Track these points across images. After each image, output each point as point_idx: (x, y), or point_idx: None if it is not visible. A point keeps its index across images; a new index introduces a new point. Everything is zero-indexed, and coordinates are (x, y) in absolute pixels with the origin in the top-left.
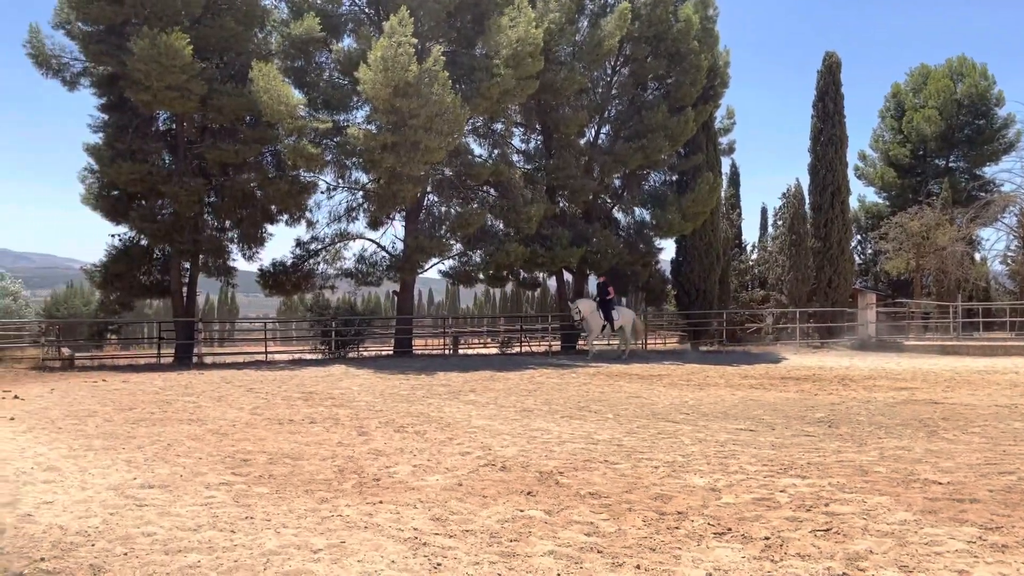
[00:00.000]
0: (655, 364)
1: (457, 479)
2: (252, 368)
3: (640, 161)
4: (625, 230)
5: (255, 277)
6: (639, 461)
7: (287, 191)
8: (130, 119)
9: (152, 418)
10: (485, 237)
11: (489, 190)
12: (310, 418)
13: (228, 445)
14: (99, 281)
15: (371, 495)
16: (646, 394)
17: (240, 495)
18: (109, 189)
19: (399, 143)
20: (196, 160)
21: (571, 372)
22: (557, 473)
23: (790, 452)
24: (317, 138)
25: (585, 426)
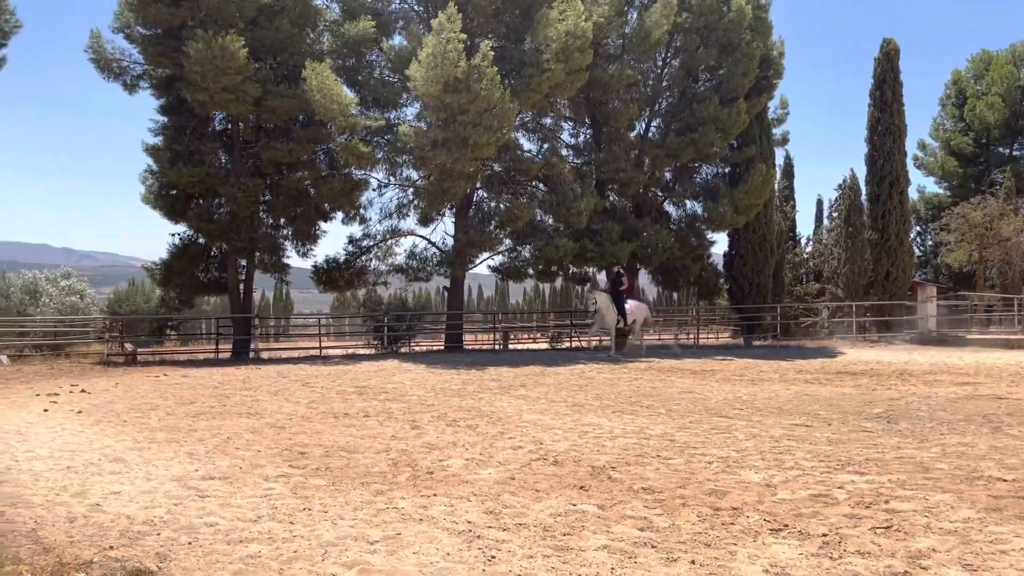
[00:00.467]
0: (707, 359)
1: (509, 473)
2: (307, 363)
3: (692, 154)
4: (676, 224)
5: (309, 274)
6: (692, 456)
7: (340, 189)
8: (187, 120)
9: (212, 412)
10: (534, 232)
11: (538, 185)
12: (364, 412)
13: (285, 438)
14: (159, 279)
15: (425, 488)
16: (699, 389)
17: (298, 487)
18: (168, 189)
19: (449, 139)
20: (251, 160)
21: (622, 367)
22: (609, 468)
23: (847, 448)
24: (368, 136)
25: (637, 421)
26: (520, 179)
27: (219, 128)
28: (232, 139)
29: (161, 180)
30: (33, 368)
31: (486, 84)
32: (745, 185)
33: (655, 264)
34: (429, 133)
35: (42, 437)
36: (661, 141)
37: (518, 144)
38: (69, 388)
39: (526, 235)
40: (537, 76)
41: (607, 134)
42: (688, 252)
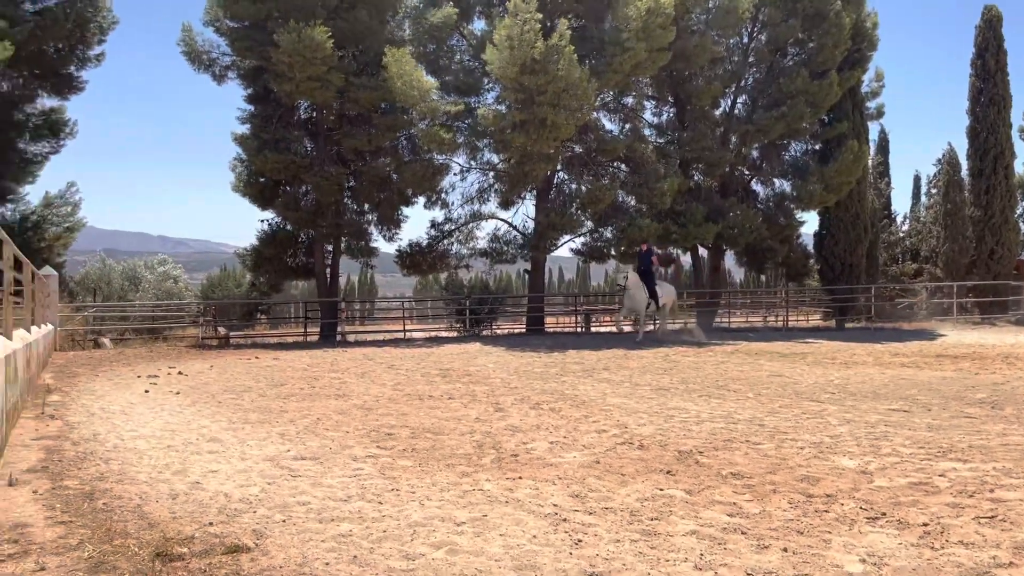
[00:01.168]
0: (797, 342)
1: (594, 456)
2: (392, 345)
3: (780, 130)
4: (763, 203)
5: (393, 258)
6: (783, 442)
7: (421, 174)
8: (274, 110)
9: (301, 393)
10: (616, 213)
11: (620, 166)
12: (448, 394)
13: (372, 419)
14: (250, 264)
15: (510, 470)
16: (788, 373)
17: (385, 467)
18: (256, 177)
19: (527, 121)
20: (335, 147)
21: (707, 350)
22: (697, 452)
23: (949, 434)
24: (449, 121)
25: (724, 405)
26: (601, 160)
27: (304, 117)
28: (316, 127)
29: (249, 168)
30: (133, 351)
31: (564, 64)
32: (836, 162)
33: (741, 245)
34: (508, 116)
35: (144, 417)
36: (747, 118)
37: (599, 125)
38: (167, 370)
39: (608, 216)
40: (618, 55)
41: (691, 112)
42: (776, 232)
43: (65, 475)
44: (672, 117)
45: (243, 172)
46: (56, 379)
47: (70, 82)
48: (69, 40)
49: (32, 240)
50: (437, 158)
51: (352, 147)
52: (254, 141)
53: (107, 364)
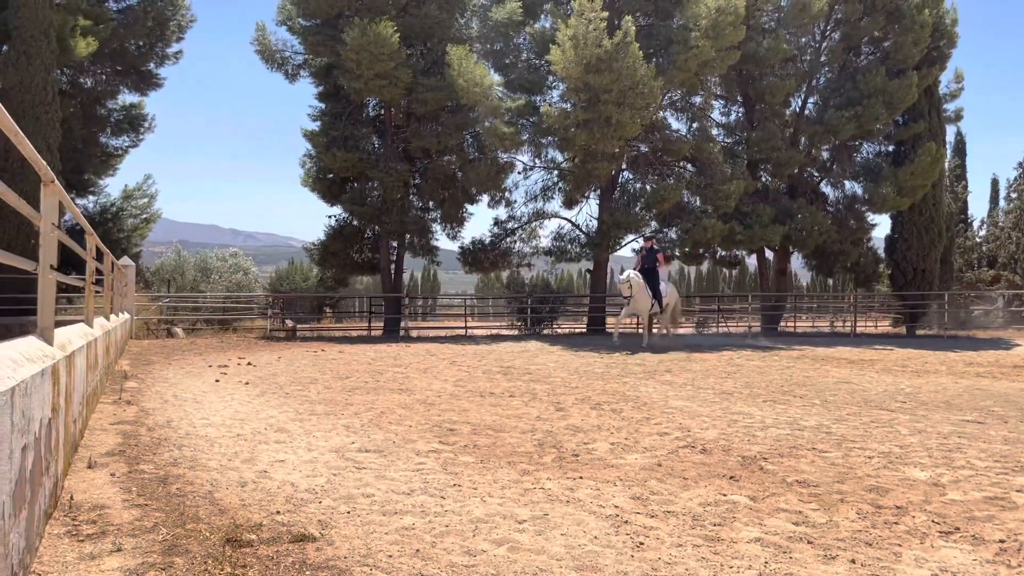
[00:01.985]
0: (866, 348)
1: (656, 459)
2: (453, 342)
3: (853, 131)
4: (833, 205)
5: (455, 255)
6: (850, 450)
7: (486, 173)
8: (343, 107)
9: (366, 387)
10: (681, 213)
11: (686, 165)
12: (509, 392)
13: (435, 415)
14: (317, 259)
15: (571, 470)
16: (856, 380)
17: (447, 463)
18: (325, 173)
19: (592, 120)
20: (402, 145)
21: (772, 355)
22: (761, 458)
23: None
24: (513, 118)
25: (789, 411)
26: (667, 159)
27: (372, 115)
28: (384, 125)
29: (318, 164)
30: (205, 341)
31: (629, 63)
32: (911, 165)
33: (810, 248)
34: (572, 114)
35: (215, 406)
36: (819, 118)
37: (665, 123)
38: (237, 360)
39: (673, 217)
40: (684, 54)
41: (760, 111)
42: (846, 235)
43: (141, 459)
44: (741, 116)
45: (312, 168)
46: (132, 366)
47: (150, 78)
48: (149, 38)
49: (111, 231)
50: (501, 156)
51: (419, 145)
52: (323, 138)
53: (180, 353)
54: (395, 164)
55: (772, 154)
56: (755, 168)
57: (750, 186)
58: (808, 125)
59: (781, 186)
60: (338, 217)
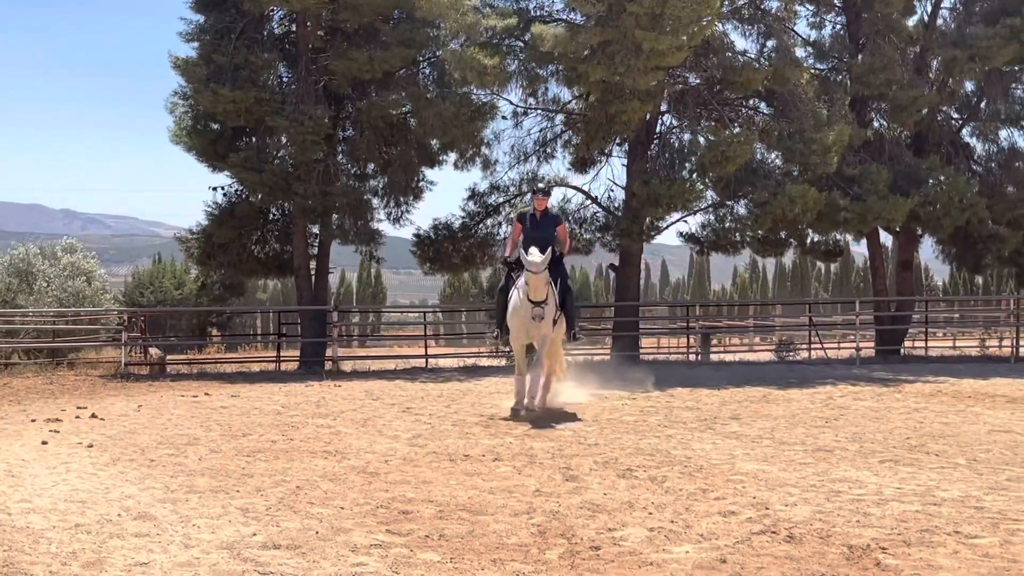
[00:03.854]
0: None
1: (718, 552)
2: (408, 378)
3: (1011, 54)
4: (982, 164)
5: (409, 246)
6: (1013, 533)
7: (453, 117)
8: (232, 21)
9: (274, 448)
10: (753, 178)
11: (759, 105)
12: (493, 453)
13: (380, 490)
14: (197, 254)
15: (588, 571)
16: (1020, 427)
17: (400, 563)
18: (206, 121)
19: (612, 42)
20: (323, 77)
21: (893, 391)
22: (877, 549)
23: None
24: (495, 39)
25: (920, 476)
26: (730, 97)
27: (278, 32)
28: (296, 47)
29: (196, 108)
30: (25, 382)
31: None
32: None
33: (946, 229)
34: (582, 35)
35: (41, 481)
36: (958, 34)
37: (726, 42)
38: (75, 411)
39: (740, 184)
40: None
41: (869, 24)
42: (1003, 210)
43: None
44: (840, 31)
45: (186, 114)
46: None
47: None
48: None
49: None
50: (477, 93)
51: (348, 75)
52: (203, 68)
53: None
54: (313, 106)
55: (888, 88)
56: (863, 109)
57: (857, 136)
58: (941, 45)
59: (903, 136)
60: (227, 189)
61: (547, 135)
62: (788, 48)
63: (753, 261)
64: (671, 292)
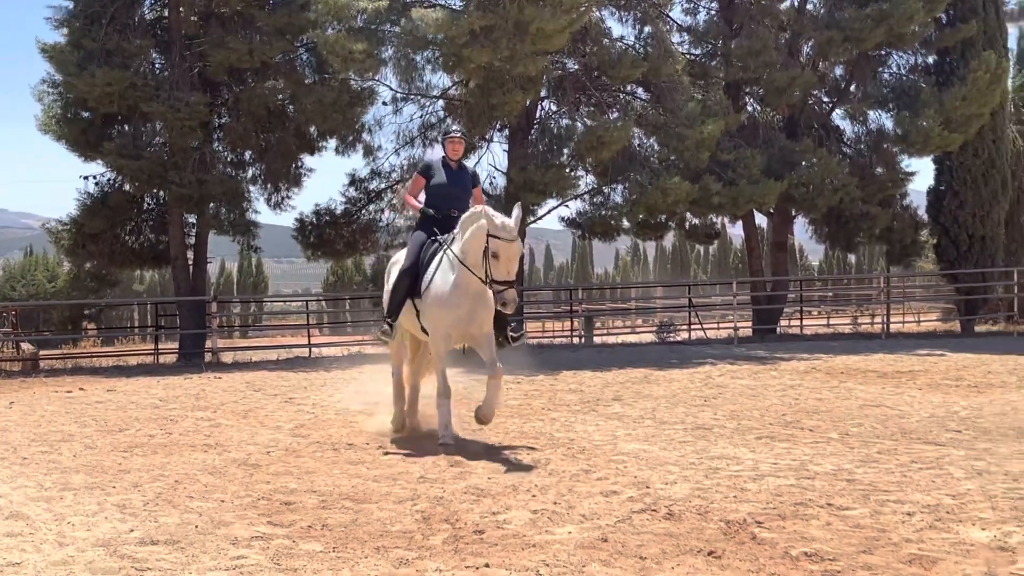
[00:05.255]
0: (904, 355)
1: (600, 532)
2: (290, 368)
3: (880, 37)
4: (852, 146)
5: (291, 233)
6: (882, 504)
7: (332, 104)
8: (104, 5)
9: (152, 443)
10: (631, 164)
11: (636, 90)
12: (378, 441)
13: (262, 481)
14: (68, 245)
15: (472, 555)
16: (891, 401)
17: (281, 555)
18: (77, 108)
19: (495, 27)
20: (198, 64)
21: (769, 369)
22: (753, 523)
23: None
24: (372, 24)
25: (795, 451)
26: (607, 83)
27: (150, 17)
28: (170, 33)
29: (66, 96)
30: None
31: None
32: (963, 84)
33: (820, 210)
34: (463, 19)
35: None
36: (829, 18)
37: (603, 29)
38: None
39: (619, 170)
40: None
41: (743, 8)
42: (872, 190)
43: None
44: (715, 16)
45: (56, 102)
46: None
47: None
48: None
49: None
50: (355, 80)
51: (224, 62)
52: (73, 52)
53: None
54: (188, 92)
55: (763, 73)
56: (738, 93)
57: (732, 121)
58: (813, 30)
59: (777, 119)
60: (100, 179)
61: (429, 120)
62: (664, 35)
63: (635, 244)
64: (555, 276)
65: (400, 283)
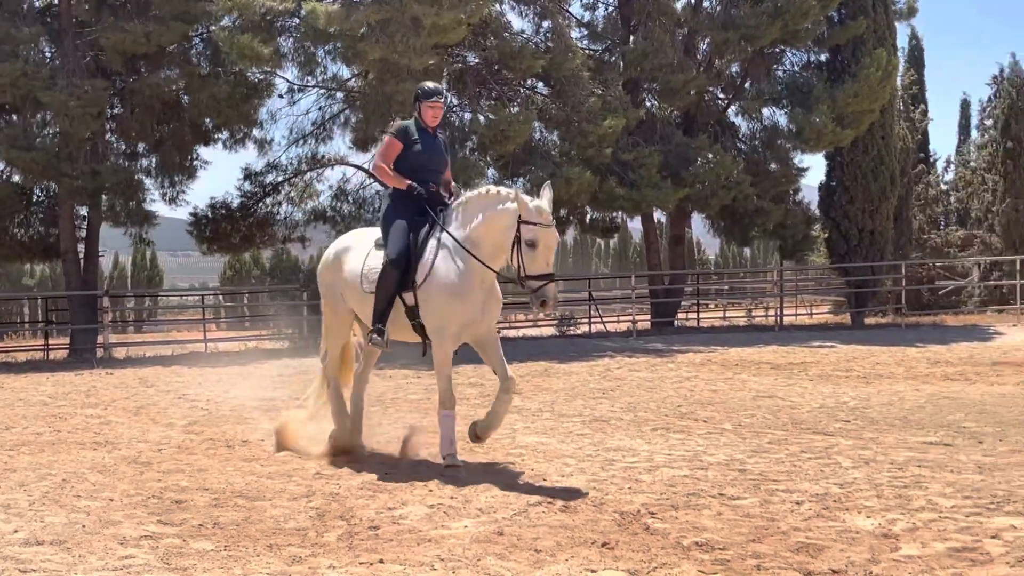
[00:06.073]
0: (797, 346)
1: (496, 525)
2: (186, 364)
3: (775, 34)
4: (747, 142)
5: (185, 226)
6: (772, 494)
7: (227, 96)
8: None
9: (39, 441)
10: (533, 158)
11: (537, 84)
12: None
13: (152, 480)
14: None
15: (366, 551)
16: (783, 392)
17: (171, 554)
18: None
19: (390, 20)
20: (90, 52)
21: (667, 361)
22: (647, 514)
23: (1007, 477)
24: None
25: (689, 442)
26: (509, 77)
27: (40, 4)
28: (60, 20)
29: None
30: None
31: None
32: (854, 81)
33: (715, 207)
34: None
35: None
36: (725, 16)
37: (504, 23)
38: None
39: (520, 163)
40: None
41: (640, 6)
42: (767, 186)
43: None
44: (613, 13)
45: None
46: None
47: None
48: None
49: None
50: (252, 72)
51: (121, 49)
52: None
53: None
54: (81, 81)
55: (660, 71)
56: (636, 89)
57: (631, 117)
58: (710, 28)
59: (674, 115)
60: None
61: (326, 114)
62: (563, 30)
63: None
64: None
65: (387, 276)
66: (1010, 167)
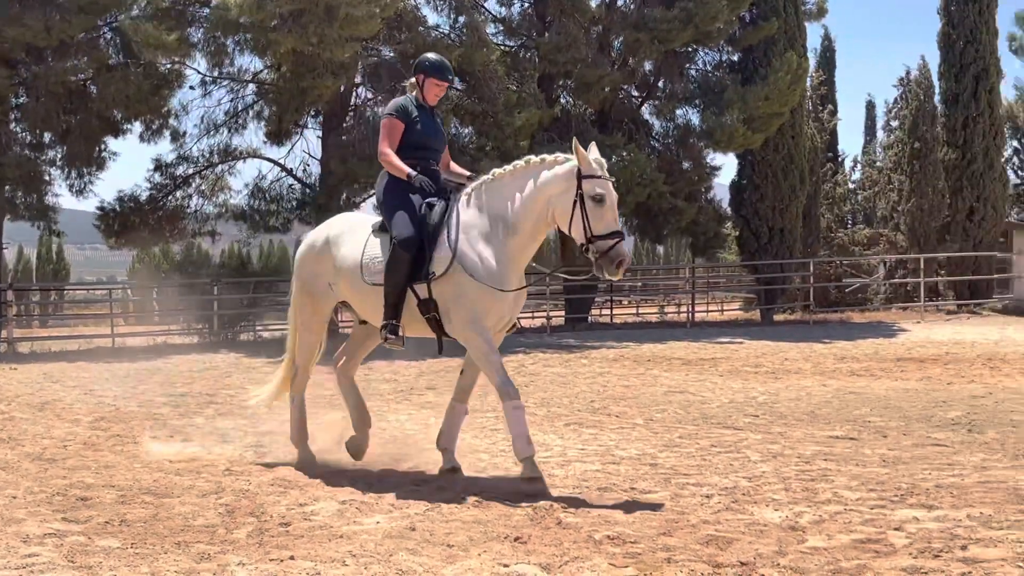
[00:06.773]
0: (707, 342)
1: (408, 520)
2: (92, 359)
3: (687, 37)
4: (660, 141)
5: (93, 219)
6: (682, 488)
7: (136, 87)
8: None
9: None
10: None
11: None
12: (182, 433)
13: (57, 477)
14: None
15: (276, 547)
16: (694, 388)
17: (76, 551)
18: None
19: (304, 11)
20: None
21: (580, 357)
22: (559, 508)
23: (910, 470)
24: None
25: (602, 437)
26: None
27: None
28: None
29: None
30: None
31: None
32: (765, 83)
33: (629, 204)
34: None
35: None
36: (638, 15)
37: (419, 17)
38: None
39: None
40: None
41: (555, 2)
42: (680, 185)
43: None
44: (528, 8)
45: None
46: None
47: None
48: None
49: None
50: (162, 63)
51: (20, 39)
52: None
53: None
54: None
55: (574, 67)
56: (551, 86)
57: (546, 114)
58: (624, 27)
59: (588, 113)
60: None
61: (238, 106)
62: (478, 24)
63: None
64: None
65: (398, 263)
66: (916, 167)
